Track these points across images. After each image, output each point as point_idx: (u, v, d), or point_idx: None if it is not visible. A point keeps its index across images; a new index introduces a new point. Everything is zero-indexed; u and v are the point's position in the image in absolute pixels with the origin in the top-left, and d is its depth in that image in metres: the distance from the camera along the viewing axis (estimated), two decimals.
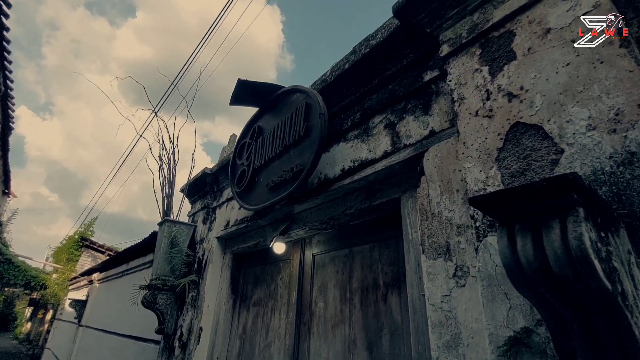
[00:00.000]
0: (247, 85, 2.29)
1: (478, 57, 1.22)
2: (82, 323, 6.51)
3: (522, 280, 0.65)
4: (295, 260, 2.28)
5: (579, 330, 0.66)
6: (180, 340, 2.75)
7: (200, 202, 3.44)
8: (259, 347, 2.31)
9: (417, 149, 1.43)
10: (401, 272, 1.57)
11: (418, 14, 1.44)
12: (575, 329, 0.66)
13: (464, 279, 1.09)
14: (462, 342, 1.03)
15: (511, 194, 0.65)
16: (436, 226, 1.23)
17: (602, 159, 0.83)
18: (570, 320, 0.67)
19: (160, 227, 3.20)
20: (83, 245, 10.95)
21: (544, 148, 0.94)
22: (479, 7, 1.27)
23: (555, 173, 0.89)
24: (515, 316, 0.87)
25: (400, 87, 1.61)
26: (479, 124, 1.13)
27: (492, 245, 0.97)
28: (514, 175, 0.99)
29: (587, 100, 0.89)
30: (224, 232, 2.89)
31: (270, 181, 2.14)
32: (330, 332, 1.82)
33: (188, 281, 2.80)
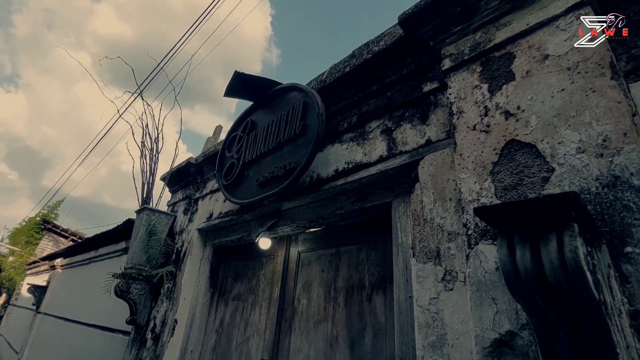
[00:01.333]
0: (243, 78, 2.27)
1: (478, 74, 1.28)
2: (41, 310, 6.17)
3: (518, 286, 0.70)
4: (279, 256, 2.29)
5: (565, 334, 0.72)
6: (152, 332, 2.69)
7: (182, 192, 3.37)
8: (236, 341, 2.30)
9: (412, 156, 1.48)
10: (387, 273, 1.62)
11: (423, 27, 1.49)
12: (561, 333, 0.73)
13: (452, 283, 1.15)
14: (447, 342, 1.09)
15: (515, 206, 0.71)
16: (428, 231, 1.28)
17: (589, 180, 0.90)
18: (557, 326, 0.73)
19: (138, 214, 3.11)
20: (45, 228, 10.35)
21: (536, 165, 1.01)
22: (482, 27, 1.34)
23: (545, 190, 0.97)
24: (501, 320, 0.93)
25: (399, 95, 1.66)
26: (475, 138, 1.19)
27: (482, 253, 1.03)
28: (506, 189, 1.05)
29: (578, 124, 0.97)
30: (206, 225, 2.84)
31: (260, 176, 2.14)
32: (312, 329, 1.85)
33: (166, 272, 2.74)
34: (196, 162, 3.22)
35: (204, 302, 2.69)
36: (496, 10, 1.30)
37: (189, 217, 3.16)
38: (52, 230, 10.52)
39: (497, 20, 1.30)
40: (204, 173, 3.23)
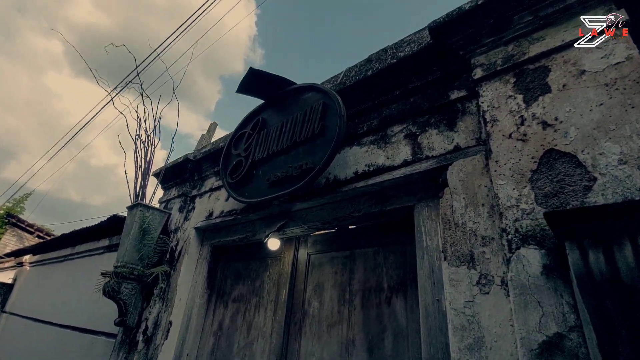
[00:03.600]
0: (257, 75, 2.24)
1: (512, 85, 1.33)
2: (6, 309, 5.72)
3: (591, 287, 0.73)
4: (287, 258, 2.25)
5: (626, 334, 0.75)
6: (144, 334, 2.56)
7: (177, 188, 3.25)
8: (238, 344, 2.24)
9: (440, 161, 1.50)
10: (408, 277, 1.63)
11: (454, 36, 1.53)
12: (623, 333, 0.75)
13: (488, 287, 1.18)
14: (485, 345, 1.11)
15: (587, 212, 0.73)
16: (460, 236, 1.31)
17: (632, 190, 0.95)
18: (620, 326, 0.76)
19: (130, 211, 2.97)
20: (9, 222, 9.66)
21: (577, 175, 1.06)
22: (514, 40, 1.39)
23: (588, 198, 1.01)
24: (548, 323, 0.96)
25: (423, 101, 1.69)
26: (512, 146, 1.23)
27: (525, 257, 1.06)
28: (547, 196, 1.09)
29: (619, 137, 1.02)
30: (205, 223, 2.76)
31: (272, 175, 2.10)
32: (325, 332, 1.83)
33: (161, 271, 2.62)
34: (194, 159, 3.13)
35: (201, 304, 2.60)
36: (529, 25, 1.35)
37: (184, 215, 3.06)
38: (16, 225, 9.82)
39: (529, 35, 1.35)
40: (202, 170, 3.13)
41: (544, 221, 1.06)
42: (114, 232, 3.94)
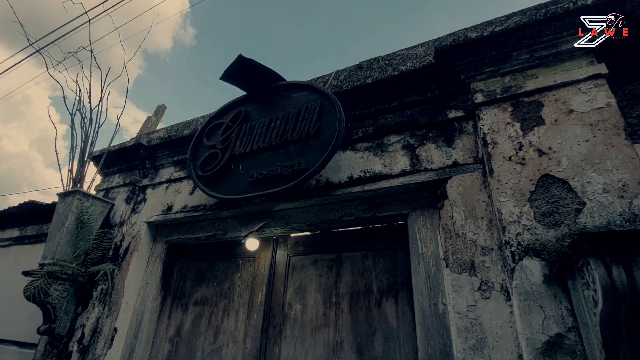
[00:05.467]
0: (246, 65, 2.10)
1: (510, 113, 1.50)
2: None
3: (612, 297, 0.88)
4: (263, 259, 2.16)
5: (626, 335, 0.92)
6: (79, 344, 2.19)
7: (123, 176, 2.86)
8: (202, 351, 2.07)
9: (439, 174, 1.62)
10: (399, 281, 1.71)
11: (458, 60, 1.67)
12: (623, 334, 0.92)
13: (489, 292, 1.31)
14: (488, 345, 1.24)
15: (610, 235, 0.88)
16: (460, 245, 1.43)
17: (614, 215, 1.17)
18: (621, 329, 0.93)
19: (63, 198, 2.52)
20: None
21: (569, 198, 1.25)
22: (510, 73, 1.58)
23: (579, 219, 1.20)
24: (550, 324, 1.12)
25: (421, 116, 1.80)
26: (512, 168, 1.39)
27: (527, 267, 1.21)
28: (544, 215, 1.27)
29: (602, 170, 1.24)
30: (162, 218, 2.49)
31: (256, 172, 2.01)
32: (309, 335, 1.81)
33: (108, 270, 2.28)
34: (148, 144, 2.79)
35: (154, 307, 2.33)
36: (525, 62, 1.55)
37: (132, 207, 2.71)
38: None
39: (524, 71, 1.55)
40: (156, 158, 2.81)
41: (543, 236, 1.23)
42: (22, 222, 3.28)
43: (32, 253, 3.07)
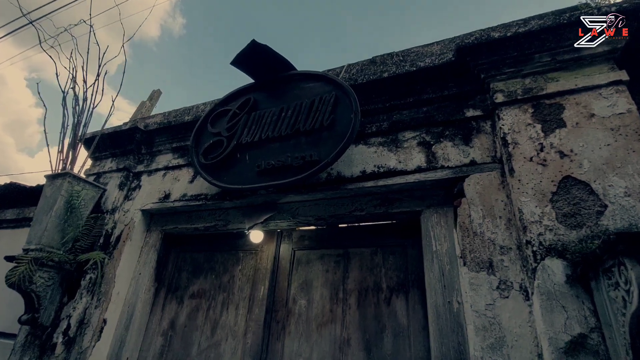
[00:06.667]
0: (259, 51, 2.03)
1: (530, 115, 1.51)
2: None
3: None
4: (267, 252, 2.10)
5: None
6: (65, 335, 2.07)
7: (116, 161, 2.73)
8: (198, 345, 1.99)
9: (456, 172, 1.61)
10: (410, 278, 1.69)
11: (479, 59, 1.66)
12: None
13: (507, 292, 1.31)
14: (507, 344, 1.23)
15: None
16: (478, 244, 1.42)
17: (635, 218, 1.18)
18: None
19: (52, 180, 2.38)
20: None
21: (590, 200, 1.26)
22: (530, 75, 1.58)
23: (601, 221, 1.21)
24: (572, 324, 1.12)
25: (437, 113, 1.79)
26: (533, 168, 1.40)
27: (549, 267, 1.21)
28: (566, 216, 1.27)
29: (624, 174, 1.26)
30: (158, 206, 2.38)
31: (264, 162, 1.94)
32: (315, 331, 1.76)
33: (99, 258, 2.16)
34: (145, 129, 2.67)
35: (146, 299, 2.23)
36: (546, 65, 1.56)
37: (125, 194, 2.59)
38: None
39: (545, 73, 1.56)
40: (153, 144, 2.70)
41: (565, 236, 1.24)
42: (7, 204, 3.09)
43: (13, 238, 2.89)
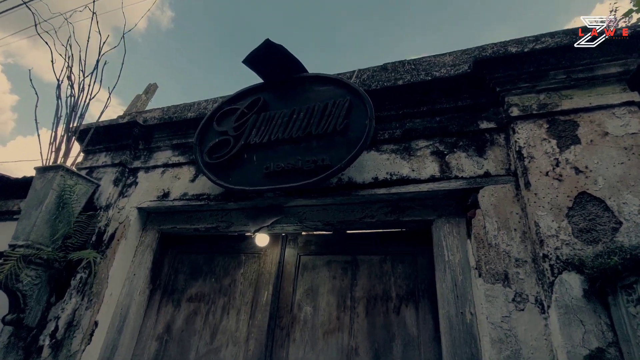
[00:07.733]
0: (273, 51, 2.00)
1: (545, 130, 1.53)
2: None
3: None
4: (271, 256, 2.05)
5: None
6: (52, 337, 1.95)
7: (111, 155, 2.62)
8: (196, 351, 1.92)
9: (470, 183, 1.62)
10: (419, 287, 1.69)
11: (496, 72, 1.68)
12: None
13: (523, 304, 1.32)
14: (523, 356, 1.24)
15: None
16: (494, 255, 1.43)
17: None
18: None
19: (43, 173, 2.25)
20: None
21: (605, 217, 1.29)
22: (545, 91, 1.62)
23: (616, 238, 1.24)
24: (590, 339, 1.14)
25: (451, 124, 1.80)
26: (549, 183, 1.42)
27: (567, 282, 1.23)
28: (582, 231, 1.30)
29: (637, 192, 1.29)
30: (156, 205, 2.30)
31: (273, 164, 1.90)
32: (321, 339, 1.73)
33: (92, 257, 2.05)
34: (144, 124, 2.58)
35: (141, 301, 2.13)
36: (561, 82, 1.60)
37: (120, 190, 2.48)
38: None
39: (560, 90, 1.59)
40: (152, 140, 2.61)
41: (582, 251, 1.26)
42: None
43: None
